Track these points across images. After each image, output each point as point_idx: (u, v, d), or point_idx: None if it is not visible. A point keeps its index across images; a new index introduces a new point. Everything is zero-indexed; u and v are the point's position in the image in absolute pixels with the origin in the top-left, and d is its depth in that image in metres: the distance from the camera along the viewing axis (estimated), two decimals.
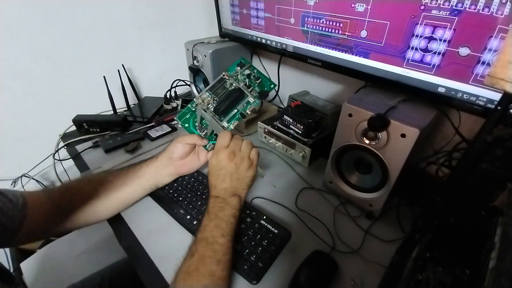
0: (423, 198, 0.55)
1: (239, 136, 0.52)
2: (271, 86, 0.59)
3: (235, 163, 0.48)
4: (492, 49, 0.41)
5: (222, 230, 0.43)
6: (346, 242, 0.50)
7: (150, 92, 1.09)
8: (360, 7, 0.52)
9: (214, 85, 0.57)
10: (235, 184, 0.48)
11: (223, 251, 0.41)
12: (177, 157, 0.56)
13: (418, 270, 0.28)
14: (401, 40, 0.49)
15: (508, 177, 0.25)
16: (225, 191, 0.47)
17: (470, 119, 0.53)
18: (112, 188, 0.52)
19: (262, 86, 0.58)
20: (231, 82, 0.57)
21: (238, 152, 0.49)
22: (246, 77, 0.57)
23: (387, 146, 0.46)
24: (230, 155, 0.48)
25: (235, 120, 0.56)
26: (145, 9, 0.96)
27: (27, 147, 0.93)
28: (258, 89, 0.58)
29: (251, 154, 0.50)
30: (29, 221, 0.43)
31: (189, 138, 0.56)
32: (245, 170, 0.49)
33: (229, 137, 0.50)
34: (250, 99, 0.56)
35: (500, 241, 0.22)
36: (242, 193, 0.49)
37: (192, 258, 0.40)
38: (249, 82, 0.57)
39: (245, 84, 0.57)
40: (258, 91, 0.57)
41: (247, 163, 0.49)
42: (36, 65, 0.85)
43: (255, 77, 0.58)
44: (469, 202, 0.29)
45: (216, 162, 0.48)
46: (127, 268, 0.72)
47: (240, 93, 0.56)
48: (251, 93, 0.57)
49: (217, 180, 0.48)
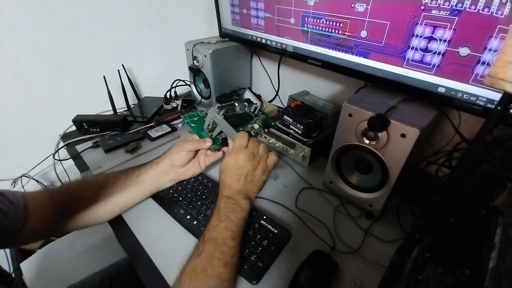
0: (423, 198, 0.55)
1: (256, 139, 0.52)
2: (272, 123, 0.70)
3: (253, 165, 0.48)
4: (492, 49, 0.41)
5: (232, 232, 0.42)
6: (346, 242, 0.50)
7: (150, 92, 1.09)
8: (360, 7, 0.52)
9: (225, 106, 0.68)
10: (248, 186, 0.47)
11: (231, 254, 0.41)
12: (180, 165, 0.56)
13: (418, 270, 0.28)
14: (401, 40, 0.49)
15: (508, 177, 0.25)
16: (238, 193, 0.47)
17: (470, 119, 0.53)
18: (112, 193, 0.51)
19: (267, 120, 0.70)
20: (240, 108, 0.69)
21: (256, 154, 0.49)
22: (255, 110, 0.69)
23: (387, 146, 0.46)
24: (249, 156, 0.48)
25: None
26: (145, 9, 0.96)
27: (27, 147, 0.93)
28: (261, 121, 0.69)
29: (268, 159, 0.50)
30: (30, 222, 0.43)
31: (191, 145, 0.55)
32: (260, 174, 0.48)
33: (247, 138, 0.51)
34: (255, 125, 0.66)
35: (500, 241, 0.22)
36: (253, 196, 0.48)
37: (199, 257, 0.39)
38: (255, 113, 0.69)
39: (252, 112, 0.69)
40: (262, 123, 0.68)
41: (263, 167, 0.49)
42: (36, 65, 0.85)
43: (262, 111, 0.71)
44: (469, 202, 0.29)
45: (234, 161, 0.48)
46: (127, 268, 0.72)
47: (249, 117, 0.66)
48: (257, 122, 0.67)
49: (232, 180, 0.48)
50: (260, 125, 0.66)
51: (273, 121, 0.70)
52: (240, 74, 0.95)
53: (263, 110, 0.71)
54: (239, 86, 0.96)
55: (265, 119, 0.68)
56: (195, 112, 0.64)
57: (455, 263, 0.28)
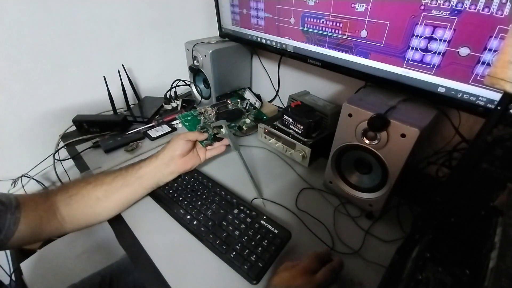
0: (423, 198, 0.55)
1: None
2: (264, 117, 0.75)
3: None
4: (492, 49, 0.41)
5: None
6: (346, 242, 0.50)
7: (150, 92, 1.09)
8: (360, 7, 0.52)
9: (217, 104, 0.72)
10: None
11: None
12: (179, 154, 0.56)
13: (418, 270, 0.28)
14: (401, 40, 0.49)
15: (508, 177, 0.25)
16: None
17: (470, 119, 0.53)
18: (112, 189, 0.51)
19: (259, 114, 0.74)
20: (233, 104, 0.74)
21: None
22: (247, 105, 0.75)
23: (387, 146, 0.46)
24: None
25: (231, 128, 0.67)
26: (145, 9, 0.96)
27: (27, 147, 0.93)
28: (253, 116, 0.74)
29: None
30: (24, 223, 0.42)
31: (190, 135, 0.58)
32: None
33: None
34: (247, 120, 0.70)
35: (500, 241, 0.22)
36: None
37: None
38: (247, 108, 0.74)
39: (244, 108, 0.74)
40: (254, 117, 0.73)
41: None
42: (36, 65, 0.85)
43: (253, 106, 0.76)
44: (469, 202, 0.29)
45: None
46: (127, 268, 0.72)
47: (240, 113, 0.71)
48: (249, 116, 0.72)
49: None
50: (252, 119, 0.69)
51: (265, 115, 0.73)
52: (240, 74, 0.95)
53: (257, 106, 0.75)
54: (239, 86, 0.96)
55: (257, 114, 0.71)
56: (189, 112, 0.70)
57: (455, 263, 0.28)
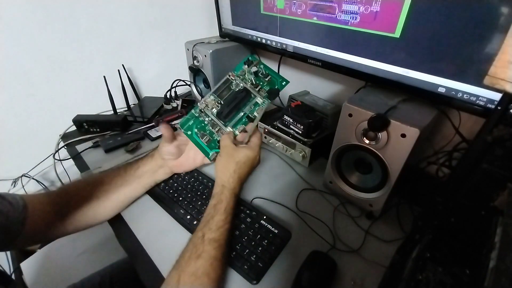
0: (423, 198, 0.55)
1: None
2: (283, 83, 0.51)
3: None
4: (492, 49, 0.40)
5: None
6: (346, 242, 0.50)
7: (150, 92, 1.09)
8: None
9: (219, 88, 0.51)
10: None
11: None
12: (168, 159, 0.55)
13: (418, 270, 0.28)
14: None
15: (508, 177, 0.25)
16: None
17: (470, 119, 0.53)
18: (112, 189, 0.52)
19: (272, 84, 0.51)
20: (238, 83, 0.51)
21: None
22: (254, 75, 0.51)
23: (387, 146, 0.46)
24: None
25: (241, 124, 0.50)
26: (145, 9, 0.96)
27: (27, 147, 0.93)
28: (267, 88, 0.50)
29: None
30: (30, 223, 0.42)
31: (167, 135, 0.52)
32: None
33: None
34: (259, 99, 0.50)
35: (500, 241, 0.22)
36: None
37: (200, 260, 0.38)
38: (257, 80, 0.50)
39: (252, 84, 0.50)
40: (267, 90, 0.50)
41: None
42: (36, 65, 0.85)
43: (263, 74, 0.51)
44: (469, 202, 0.29)
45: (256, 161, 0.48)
46: (127, 268, 0.72)
47: (247, 94, 0.50)
48: (260, 92, 0.50)
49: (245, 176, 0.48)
50: (266, 96, 0.49)
51: (283, 80, 0.51)
52: None
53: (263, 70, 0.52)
54: None
55: (270, 83, 0.50)
56: (189, 114, 0.53)
57: (455, 263, 0.28)
